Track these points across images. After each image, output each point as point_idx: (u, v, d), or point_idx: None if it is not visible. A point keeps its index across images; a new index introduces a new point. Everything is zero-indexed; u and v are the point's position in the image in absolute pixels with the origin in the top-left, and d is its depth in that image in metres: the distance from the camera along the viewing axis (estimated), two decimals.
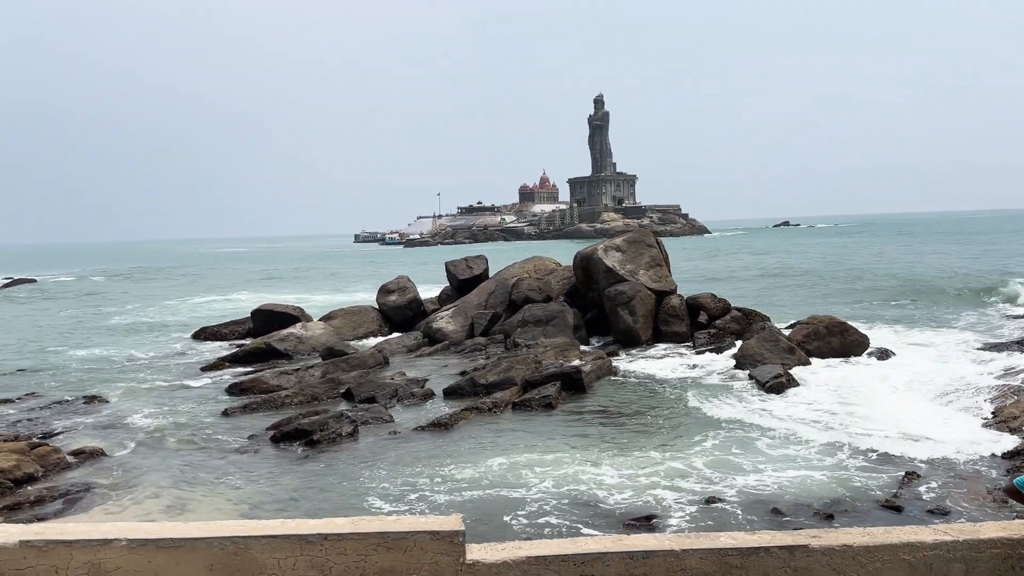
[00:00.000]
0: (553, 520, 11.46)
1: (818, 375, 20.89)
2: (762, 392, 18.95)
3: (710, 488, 12.58)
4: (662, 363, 23.51)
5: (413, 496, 12.61)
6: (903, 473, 12.91)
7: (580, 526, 11.17)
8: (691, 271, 61.94)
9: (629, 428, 16.48)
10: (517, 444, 15.30)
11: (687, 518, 11.40)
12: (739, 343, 23.95)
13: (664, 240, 31.68)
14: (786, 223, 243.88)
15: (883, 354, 23.01)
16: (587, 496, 12.34)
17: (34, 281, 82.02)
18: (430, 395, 19.94)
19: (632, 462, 13.96)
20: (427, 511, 11.86)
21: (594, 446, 15.09)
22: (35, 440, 15.74)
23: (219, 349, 29.48)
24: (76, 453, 15.12)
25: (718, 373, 21.70)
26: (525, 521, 11.46)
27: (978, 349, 23.51)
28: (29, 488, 13.38)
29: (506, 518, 11.57)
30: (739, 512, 11.56)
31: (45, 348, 32.06)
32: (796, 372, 20.44)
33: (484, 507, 12.01)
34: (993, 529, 4.86)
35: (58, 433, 17.24)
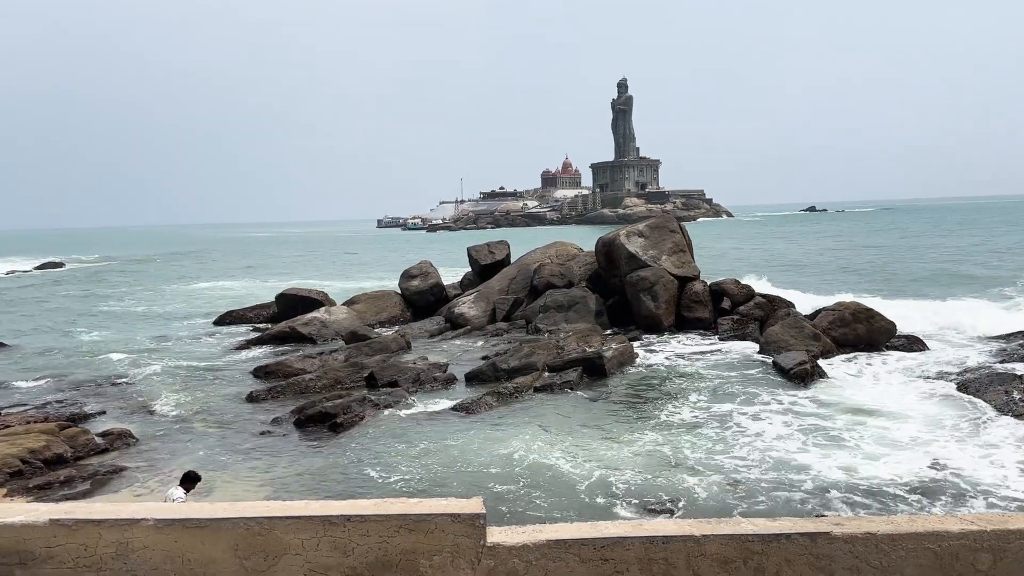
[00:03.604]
0: (573, 503, 11.49)
1: (844, 363, 20.70)
2: (786, 379, 18.82)
3: (731, 474, 12.54)
4: (685, 349, 23.39)
5: (435, 479, 12.69)
6: (929, 462, 12.81)
7: (600, 510, 11.19)
8: (714, 254, 61.53)
9: (650, 414, 16.45)
10: (538, 429, 15.34)
11: (707, 503, 11.38)
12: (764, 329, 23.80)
13: (687, 225, 31.52)
14: (812, 208, 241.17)
15: (910, 342, 22.71)
16: (607, 480, 12.35)
17: (62, 265, 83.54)
18: (452, 380, 20.02)
19: (653, 448, 13.95)
20: (448, 493, 11.93)
21: (615, 432, 15.09)
22: (64, 421, 16.01)
23: (243, 333, 29.77)
24: (104, 435, 15.37)
25: (741, 360, 21.54)
26: (545, 504, 11.50)
27: (1001, 338, 23.20)
28: (59, 469, 13.64)
29: (526, 500, 11.62)
30: (760, 498, 11.52)
31: (73, 330, 32.56)
32: (821, 360, 20.25)
33: (505, 489, 12.06)
34: (1022, 520, 4.78)
35: (87, 415, 17.53)
